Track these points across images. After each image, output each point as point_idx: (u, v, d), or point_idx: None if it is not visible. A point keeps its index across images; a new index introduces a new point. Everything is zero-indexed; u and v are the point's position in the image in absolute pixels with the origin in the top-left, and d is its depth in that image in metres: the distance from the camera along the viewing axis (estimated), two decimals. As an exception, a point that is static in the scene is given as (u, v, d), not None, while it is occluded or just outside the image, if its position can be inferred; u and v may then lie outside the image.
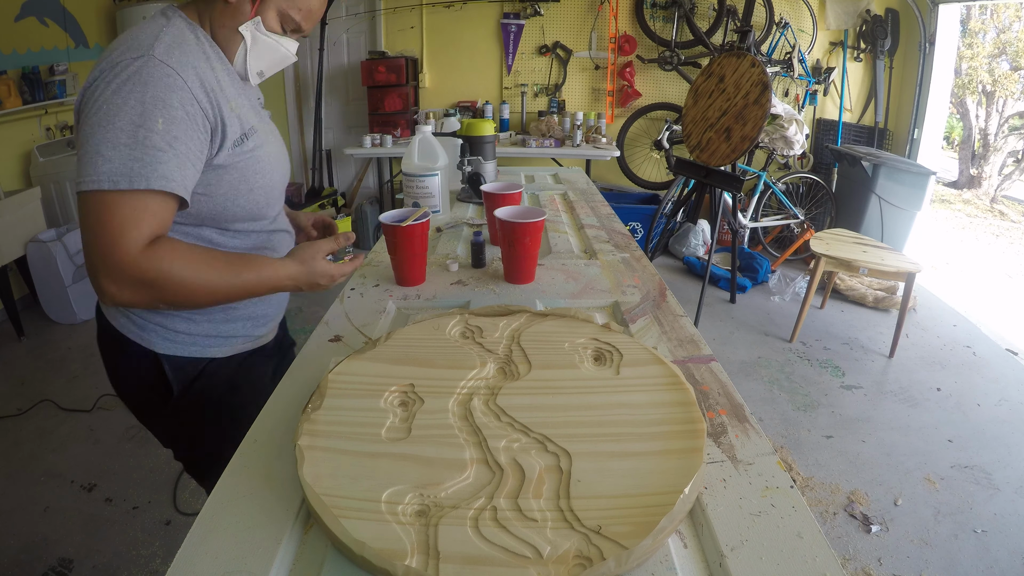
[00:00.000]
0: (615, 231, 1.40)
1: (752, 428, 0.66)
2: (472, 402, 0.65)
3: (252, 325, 0.98)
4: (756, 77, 2.55)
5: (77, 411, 2.30)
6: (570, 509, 0.50)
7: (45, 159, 3.13)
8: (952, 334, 3.06)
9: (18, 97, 3.02)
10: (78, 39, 3.45)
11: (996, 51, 6.83)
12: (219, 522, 0.53)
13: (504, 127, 4.23)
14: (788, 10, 4.05)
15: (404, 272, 1.06)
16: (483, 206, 1.52)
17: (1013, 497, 1.90)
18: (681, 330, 0.90)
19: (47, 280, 2.95)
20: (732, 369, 2.65)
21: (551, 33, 4.19)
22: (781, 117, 3.31)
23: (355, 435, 0.60)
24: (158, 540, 1.69)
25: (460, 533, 0.48)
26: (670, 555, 0.50)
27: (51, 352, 2.79)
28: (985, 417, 2.34)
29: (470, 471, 0.55)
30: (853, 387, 2.54)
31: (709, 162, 2.77)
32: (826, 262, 2.78)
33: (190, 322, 0.90)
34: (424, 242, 1.05)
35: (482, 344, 0.76)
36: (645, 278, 1.10)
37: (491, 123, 1.71)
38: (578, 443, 0.58)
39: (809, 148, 4.23)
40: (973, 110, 7.07)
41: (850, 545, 1.70)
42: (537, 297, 1.01)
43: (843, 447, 2.14)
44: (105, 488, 1.89)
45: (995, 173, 6.80)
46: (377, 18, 4.19)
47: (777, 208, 3.94)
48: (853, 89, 4.22)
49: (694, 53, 4.12)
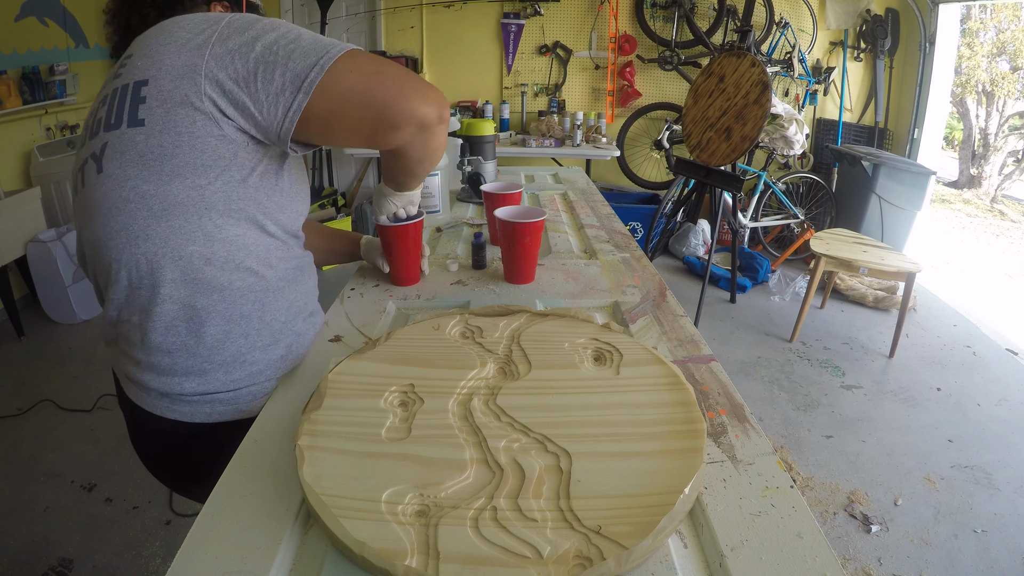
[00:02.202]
0: (615, 231, 1.40)
1: (752, 428, 0.66)
2: (472, 402, 0.65)
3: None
4: (756, 77, 2.55)
5: (77, 411, 2.30)
6: (570, 509, 0.50)
7: (45, 159, 3.13)
8: (952, 334, 3.06)
9: (18, 97, 3.02)
10: (78, 39, 3.45)
11: (995, 51, 6.83)
12: (219, 522, 0.53)
13: (504, 127, 4.24)
14: (788, 10, 4.05)
15: (398, 272, 1.06)
16: (483, 206, 1.52)
17: (1013, 497, 1.90)
18: (681, 330, 0.90)
19: (47, 280, 2.95)
20: (732, 369, 2.65)
21: (551, 33, 4.19)
22: (781, 117, 3.31)
23: (355, 435, 0.60)
24: (158, 540, 1.69)
25: (460, 533, 0.48)
26: (670, 555, 0.50)
27: (51, 352, 2.79)
28: (985, 417, 2.34)
29: (470, 471, 0.55)
30: (853, 387, 2.54)
31: (709, 162, 2.77)
32: (826, 262, 2.78)
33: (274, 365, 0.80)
34: (418, 243, 1.05)
35: (482, 344, 0.76)
36: (645, 278, 1.10)
37: (491, 123, 1.71)
38: (578, 443, 0.58)
39: (809, 148, 4.23)
40: (973, 110, 7.07)
41: (850, 545, 1.70)
42: (537, 297, 1.01)
43: (843, 447, 2.14)
44: (105, 488, 1.89)
45: (995, 173, 6.80)
46: (377, 18, 4.19)
47: (777, 208, 3.94)
48: (853, 89, 4.22)
49: (694, 53, 4.12)
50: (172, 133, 0.66)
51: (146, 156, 0.67)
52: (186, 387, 0.76)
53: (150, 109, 0.67)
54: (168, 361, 0.74)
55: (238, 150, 0.70)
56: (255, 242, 0.75)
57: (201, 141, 0.67)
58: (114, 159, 0.68)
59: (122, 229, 0.69)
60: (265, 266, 0.77)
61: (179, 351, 0.74)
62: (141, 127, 0.67)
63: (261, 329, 0.78)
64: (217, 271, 0.72)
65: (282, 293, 0.80)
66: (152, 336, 0.73)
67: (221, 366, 0.76)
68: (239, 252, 0.73)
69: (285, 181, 0.78)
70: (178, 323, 0.73)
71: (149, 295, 0.71)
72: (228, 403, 0.78)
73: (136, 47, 0.72)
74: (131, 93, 0.68)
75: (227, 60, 0.65)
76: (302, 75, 0.65)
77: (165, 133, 0.66)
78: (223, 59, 0.65)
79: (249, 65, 0.65)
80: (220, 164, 0.69)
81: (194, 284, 0.72)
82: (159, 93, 0.66)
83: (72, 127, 3.38)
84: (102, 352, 2.74)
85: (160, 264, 0.70)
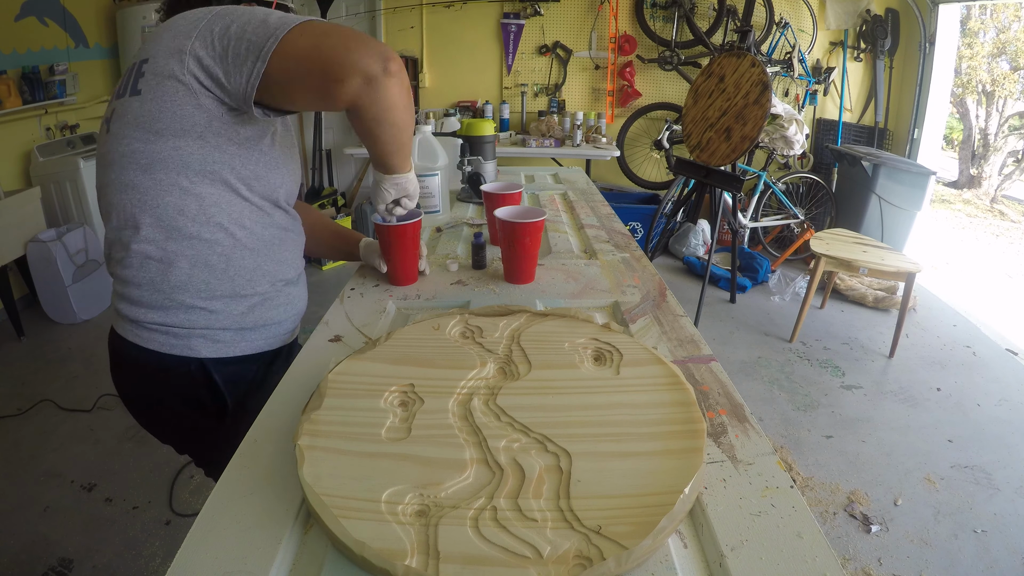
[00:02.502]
0: (615, 231, 1.40)
1: (752, 428, 0.66)
2: (472, 402, 0.65)
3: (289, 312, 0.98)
4: (756, 77, 2.55)
5: (77, 411, 2.30)
6: (570, 509, 0.50)
7: (45, 159, 3.13)
8: (952, 334, 3.06)
9: (18, 97, 3.01)
10: (78, 39, 3.45)
11: (996, 51, 6.83)
12: (219, 522, 0.53)
13: (504, 127, 4.23)
14: (788, 10, 4.05)
15: (395, 271, 1.06)
16: (483, 206, 1.52)
17: (1013, 497, 1.90)
18: (681, 330, 0.90)
19: (47, 280, 2.95)
20: (732, 369, 2.65)
21: (551, 33, 4.19)
22: (781, 117, 3.31)
23: (355, 435, 0.60)
24: (158, 540, 1.69)
25: (460, 533, 0.48)
26: (670, 555, 0.50)
27: (51, 352, 2.79)
28: (985, 417, 2.34)
29: (470, 471, 0.55)
30: (853, 387, 2.54)
31: (709, 162, 2.77)
32: (826, 262, 2.78)
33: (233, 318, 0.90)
34: (416, 242, 1.05)
35: (482, 344, 0.76)
36: (645, 278, 1.10)
37: (491, 123, 1.71)
38: (578, 443, 0.58)
39: (809, 148, 4.23)
40: (973, 110, 7.07)
41: (850, 545, 1.70)
42: (537, 297, 1.01)
43: (843, 447, 2.14)
44: (105, 488, 1.89)
45: (995, 173, 6.81)
46: (377, 18, 4.19)
47: (777, 208, 3.94)
48: (853, 89, 4.22)
49: (694, 53, 4.12)
50: (159, 101, 0.78)
51: (139, 119, 0.79)
52: (149, 317, 0.86)
53: (146, 82, 0.79)
54: (138, 293, 0.86)
55: (212, 119, 0.80)
56: (228, 202, 0.85)
57: (180, 108, 0.78)
58: (117, 121, 0.82)
59: (116, 178, 0.82)
60: (237, 225, 0.87)
61: (147, 285, 0.85)
62: (138, 96, 0.80)
63: (224, 280, 0.87)
64: (188, 221, 0.83)
65: (251, 254, 0.89)
66: (128, 271, 0.85)
67: (180, 305, 0.86)
68: (211, 208, 0.84)
69: (266, 154, 0.88)
70: (150, 262, 0.84)
71: (131, 235, 0.83)
72: (181, 338, 0.87)
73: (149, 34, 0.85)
74: (135, 69, 0.81)
75: (208, 41, 0.76)
76: (260, 44, 0.73)
77: (154, 101, 0.78)
78: (205, 40, 0.76)
79: (224, 43, 0.75)
80: (196, 130, 0.80)
81: (167, 231, 0.83)
82: (154, 68, 0.78)
83: (72, 127, 3.38)
84: (102, 351, 2.73)
85: (142, 209, 0.82)
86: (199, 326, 0.87)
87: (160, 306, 0.86)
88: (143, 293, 0.85)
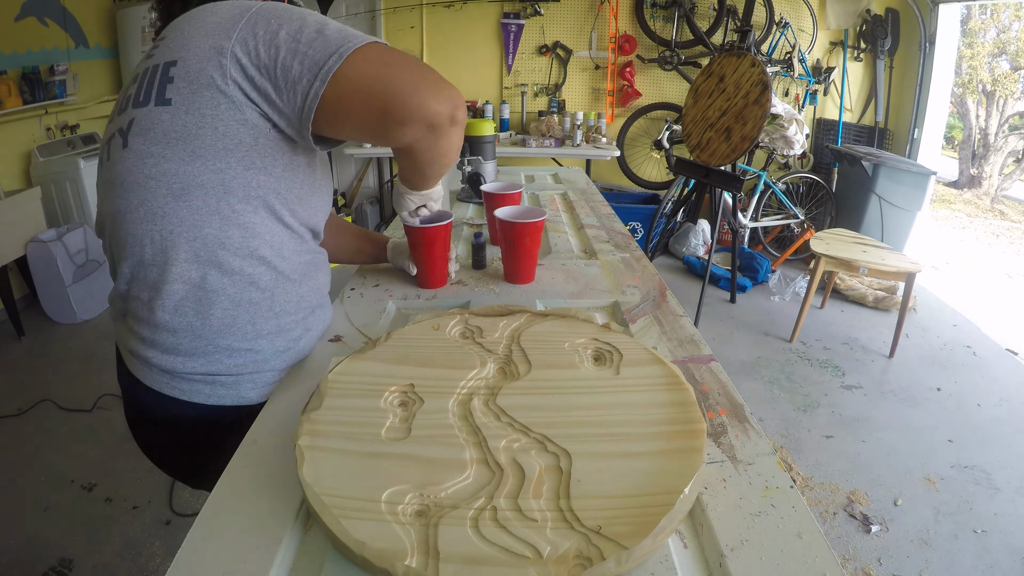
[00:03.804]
0: (615, 231, 1.40)
1: (752, 428, 0.66)
2: (472, 402, 0.65)
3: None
4: (756, 77, 2.55)
5: (77, 411, 2.30)
6: (570, 509, 0.50)
7: (45, 159, 3.13)
8: (952, 334, 3.06)
9: (18, 97, 3.02)
10: (78, 39, 3.45)
11: (996, 51, 6.83)
12: (219, 522, 0.53)
13: (504, 127, 4.23)
14: (788, 10, 4.05)
15: (425, 274, 1.05)
16: (483, 206, 1.52)
17: (1013, 497, 1.90)
18: (681, 330, 0.90)
19: (47, 280, 2.95)
20: (732, 369, 2.65)
21: (551, 33, 4.18)
22: (781, 117, 3.31)
23: (355, 435, 0.60)
24: (158, 540, 1.69)
25: (460, 533, 0.48)
26: (670, 555, 0.50)
27: (51, 352, 2.79)
28: (985, 417, 2.34)
29: (470, 471, 0.55)
30: (853, 387, 2.54)
31: (709, 162, 2.77)
32: (826, 262, 2.78)
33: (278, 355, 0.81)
34: (447, 245, 1.04)
35: (482, 344, 0.76)
36: (645, 278, 1.10)
37: (491, 123, 1.71)
38: (578, 443, 0.58)
39: (809, 148, 4.23)
40: (973, 110, 7.07)
41: (850, 545, 1.70)
42: (537, 297, 1.01)
43: (843, 447, 2.14)
44: (105, 488, 1.89)
45: (995, 173, 6.81)
46: (377, 18, 4.19)
47: (777, 208, 3.94)
48: (853, 89, 4.22)
49: (694, 53, 4.12)
50: (196, 114, 0.67)
51: (170, 135, 0.68)
52: (189, 366, 0.76)
53: (177, 89, 0.67)
54: (173, 340, 0.74)
55: (259, 136, 0.70)
56: (270, 231, 0.75)
57: (224, 124, 0.68)
58: (139, 135, 0.69)
59: (141, 204, 0.70)
60: (278, 256, 0.77)
61: (185, 331, 0.74)
62: (168, 106, 0.68)
63: (269, 318, 0.78)
64: (230, 255, 0.72)
65: (293, 285, 0.80)
66: (160, 314, 0.73)
67: (225, 350, 0.76)
68: (253, 239, 0.74)
69: (309, 175, 0.78)
70: (186, 303, 0.73)
71: (160, 272, 0.72)
72: (229, 387, 0.78)
73: (170, 30, 0.73)
74: (160, 73, 0.69)
75: (251, 46, 0.66)
76: (320, 63, 0.64)
77: (190, 113, 0.67)
78: (248, 44, 0.66)
79: (272, 52, 0.65)
80: (241, 149, 0.69)
81: (206, 266, 0.72)
82: (187, 74, 0.67)
83: (72, 127, 3.38)
84: (102, 351, 2.74)
85: (174, 243, 0.70)
86: (247, 371, 0.78)
87: (202, 353, 0.75)
88: (180, 340, 0.74)
